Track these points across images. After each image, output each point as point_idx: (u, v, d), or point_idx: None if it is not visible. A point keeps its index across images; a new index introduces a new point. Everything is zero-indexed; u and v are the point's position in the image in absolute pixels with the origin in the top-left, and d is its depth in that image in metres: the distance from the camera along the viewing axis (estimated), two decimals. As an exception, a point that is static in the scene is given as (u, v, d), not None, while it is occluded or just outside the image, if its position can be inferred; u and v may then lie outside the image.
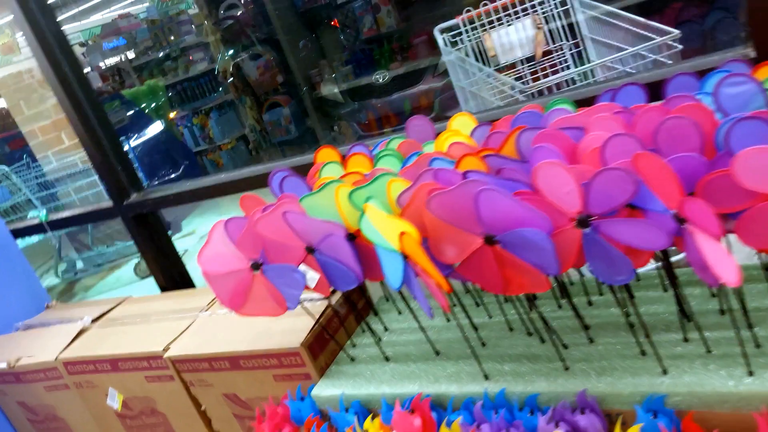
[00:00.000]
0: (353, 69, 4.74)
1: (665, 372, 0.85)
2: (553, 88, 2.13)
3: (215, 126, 5.93)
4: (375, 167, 1.09)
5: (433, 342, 1.11)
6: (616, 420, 0.86)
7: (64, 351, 1.62)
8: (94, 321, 1.74)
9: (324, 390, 1.13)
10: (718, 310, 0.93)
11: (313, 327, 1.23)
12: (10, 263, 2.11)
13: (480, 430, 0.90)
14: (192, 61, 5.97)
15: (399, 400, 1.00)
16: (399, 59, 4.55)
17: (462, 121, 1.10)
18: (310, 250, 1.02)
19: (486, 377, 0.98)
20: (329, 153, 1.20)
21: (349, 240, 0.99)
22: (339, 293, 1.29)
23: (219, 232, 1.09)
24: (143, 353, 1.46)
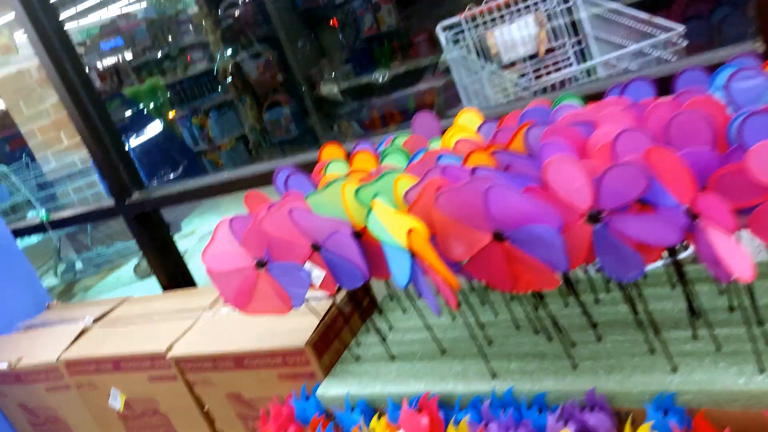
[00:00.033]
0: (353, 68, 4.74)
1: (675, 370, 0.84)
2: (557, 85, 2.13)
3: (215, 126, 5.91)
4: (381, 164, 1.08)
5: (439, 340, 1.10)
6: (625, 418, 0.85)
7: (65, 351, 1.61)
8: (95, 321, 1.73)
9: (329, 389, 1.12)
10: (727, 306, 0.92)
11: (318, 326, 1.22)
12: (10, 263, 2.10)
13: (488, 429, 0.89)
14: (191, 61, 5.95)
15: (405, 399, 0.99)
16: (399, 58, 4.54)
17: (468, 117, 1.10)
18: (315, 247, 1.01)
19: (493, 375, 0.97)
20: (334, 150, 1.19)
21: (356, 238, 0.98)
22: (343, 292, 1.28)
23: (224, 229, 1.08)
24: (146, 353, 1.45)
